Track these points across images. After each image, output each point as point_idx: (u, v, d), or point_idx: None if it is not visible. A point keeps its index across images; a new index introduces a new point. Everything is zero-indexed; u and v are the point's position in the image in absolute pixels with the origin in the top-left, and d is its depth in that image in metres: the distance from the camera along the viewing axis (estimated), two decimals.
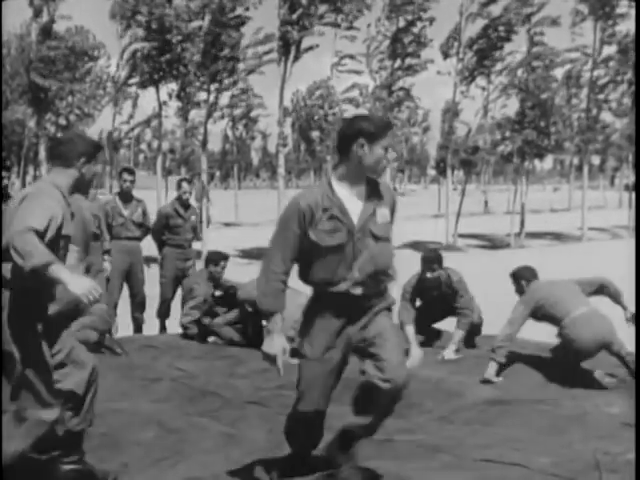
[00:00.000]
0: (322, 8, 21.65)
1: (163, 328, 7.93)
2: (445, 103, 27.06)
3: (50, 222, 2.89)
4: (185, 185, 7.89)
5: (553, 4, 26.48)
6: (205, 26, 21.63)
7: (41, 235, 2.80)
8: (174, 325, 7.95)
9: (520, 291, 5.70)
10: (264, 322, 5.70)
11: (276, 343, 2.98)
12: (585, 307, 5.29)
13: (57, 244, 2.97)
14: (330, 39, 24.97)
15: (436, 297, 6.35)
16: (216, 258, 6.85)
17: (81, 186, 3.24)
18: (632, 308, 5.56)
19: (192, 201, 8.45)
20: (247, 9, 21.56)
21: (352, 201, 3.04)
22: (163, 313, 7.89)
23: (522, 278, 5.69)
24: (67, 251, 3.16)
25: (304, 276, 3.11)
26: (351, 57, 26.15)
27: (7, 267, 2.92)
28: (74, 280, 2.70)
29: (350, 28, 22.63)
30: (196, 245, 8.73)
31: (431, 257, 6.29)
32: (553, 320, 5.36)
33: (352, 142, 2.98)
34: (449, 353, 5.96)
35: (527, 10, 25.64)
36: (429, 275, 6.18)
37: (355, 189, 3.04)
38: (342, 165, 3.05)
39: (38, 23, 23.09)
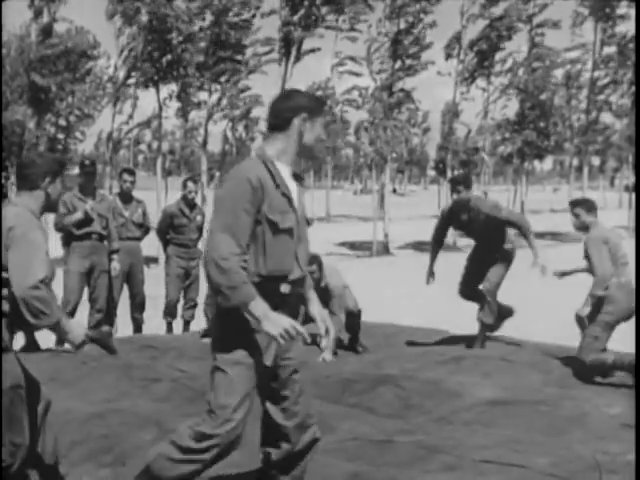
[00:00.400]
0: (323, 9, 21.65)
1: (170, 329, 7.93)
2: (445, 104, 27.07)
3: (48, 258, 2.96)
4: (190, 184, 7.83)
5: (553, 5, 26.49)
6: (206, 27, 21.64)
7: (47, 281, 2.89)
8: (178, 325, 7.96)
9: (577, 219, 5.57)
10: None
11: (277, 319, 2.54)
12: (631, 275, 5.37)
13: None
14: (331, 40, 24.99)
15: (468, 224, 6.27)
16: None
17: (49, 206, 3.21)
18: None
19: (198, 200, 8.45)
20: (254, 16, 21.58)
21: (289, 182, 2.75)
22: (169, 313, 7.88)
23: (583, 207, 5.54)
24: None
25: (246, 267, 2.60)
26: (351, 58, 26.17)
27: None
28: (74, 330, 3.00)
29: (352, 30, 22.65)
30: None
31: (456, 179, 6.36)
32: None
33: (294, 116, 2.72)
34: (542, 267, 5.86)
35: (528, 11, 25.68)
36: (455, 196, 6.20)
37: (288, 169, 2.75)
38: (279, 141, 2.74)
39: (38, 24, 23.09)
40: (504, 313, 6.33)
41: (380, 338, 6.76)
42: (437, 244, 6.49)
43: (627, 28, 26.66)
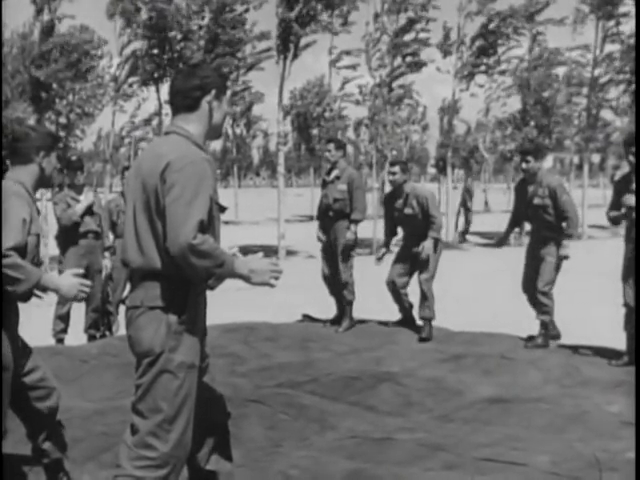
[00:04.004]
0: (317, 7, 21.62)
1: None
2: (442, 101, 26.97)
3: (24, 226, 2.83)
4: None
5: (556, 3, 26.45)
6: (205, 24, 21.65)
7: (20, 248, 2.76)
8: None
9: None
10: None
11: (260, 266, 2.51)
12: None
13: (26, 244, 2.87)
14: (327, 36, 24.92)
15: (532, 200, 6.10)
16: None
17: (44, 181, 3.10)
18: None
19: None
20: (247, 10, 21.62)
21: None
22: None
23: None
24: (39, 248, 3.07)
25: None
26: (347, 53, 26.14)
27: None
28: (63, 285, 2.80)
29: (344, 24, 22.63)
30: None
31: (527, 148, 6.40)
32: None
33: (203, 95, 2.62)
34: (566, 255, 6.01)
35: (530, 9, 25.65)
36: (524, 166, 6.13)
37: None
38: (194, 122, 2.62)
39: (40, 21, 23.08)
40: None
41: (380, 336, 6.76)
42: (513, 223, 6.42)
43: (629, 27, 26.63)
